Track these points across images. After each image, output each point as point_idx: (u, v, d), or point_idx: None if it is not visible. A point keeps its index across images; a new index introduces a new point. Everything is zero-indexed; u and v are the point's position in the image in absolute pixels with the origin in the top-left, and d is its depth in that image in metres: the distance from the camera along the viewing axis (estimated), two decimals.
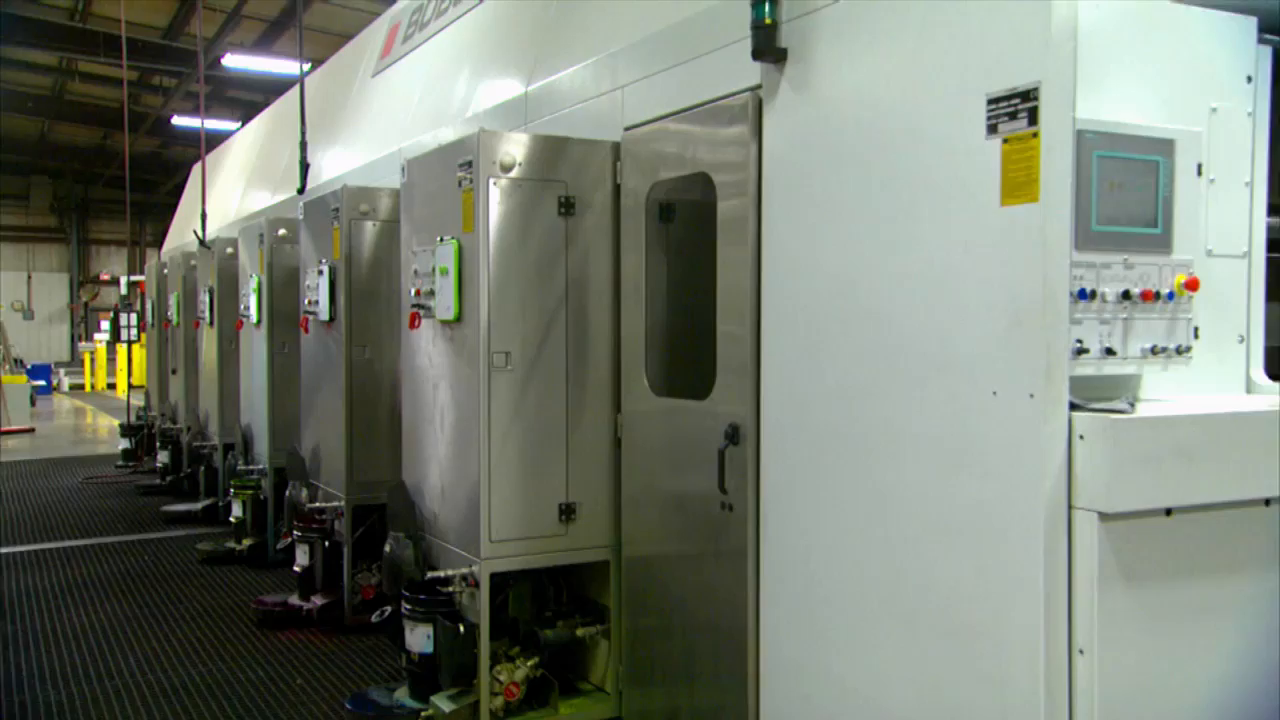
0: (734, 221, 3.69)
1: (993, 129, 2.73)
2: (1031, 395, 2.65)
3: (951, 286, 2.87)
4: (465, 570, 4.28)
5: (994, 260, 2.74)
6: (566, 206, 4.34)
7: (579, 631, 4.51)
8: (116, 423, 14.42)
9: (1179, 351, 2.93)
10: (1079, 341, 2.76)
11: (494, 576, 4.28)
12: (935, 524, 2.94)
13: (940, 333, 2.91)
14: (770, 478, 3.57)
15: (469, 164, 4.23)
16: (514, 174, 4.24)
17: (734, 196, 3.69)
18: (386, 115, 7.57)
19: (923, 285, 2.96)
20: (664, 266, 4.31)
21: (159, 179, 29.47)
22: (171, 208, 17.85)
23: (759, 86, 3.58)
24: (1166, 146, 2.90)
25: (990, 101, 2.73)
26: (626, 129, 4.35)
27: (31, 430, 17.23)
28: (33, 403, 18.89)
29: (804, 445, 3.42)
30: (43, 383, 24.92)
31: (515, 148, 4.25)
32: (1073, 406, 2.69)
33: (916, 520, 3.00)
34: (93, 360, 28.08)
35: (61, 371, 28.77)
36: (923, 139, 2.96)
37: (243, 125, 14.63)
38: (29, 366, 23.74)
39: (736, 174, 3.67)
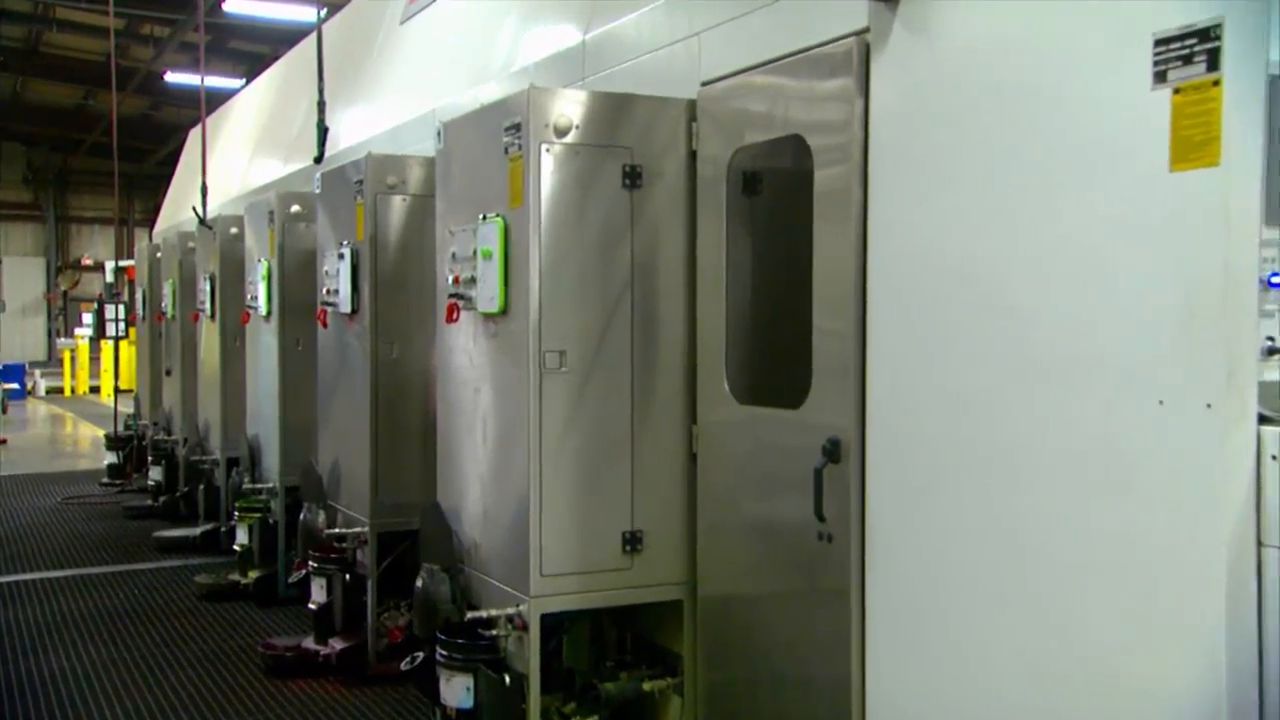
0: (834, 194, 3.67)
1: (1161, 77, 2.68)
2: (1208, 405, 2.60)
3: (1105, 272, 2.83)
4: (511, 610, 4.30)
5: (1160, 239, 2.70)
6: (632, 177, 4.35)
7: (646, 685, 4.51)
8: (101, 433, 14.72)
9: None
10: (1270, 340, 2.72)
11: (545, 618, 4.29)
12: (1082, 561, 2.89)
13: (1090, 329, 2.87)
14: (878, 503, 3.54)
15: (517, 127, 4.26)
16: (570, 139, 4.25)
17: (834, 164, 3.67)
18: (418, 70, 7.65)
19: (1068, 271, 2.92)
20: (749, 248, 4.29)
21: (150, 146, 30.04)
22: (165, 180, 18.25)
23: (866, 30, 3.56)
24: None
25: (1158, 42, 2.68)
26: (704, 84, 4.35)
27: (2, 441, 17.67)
28: (4, 409, 19.41)
29: (918, 464, 3.39)
30: (15, 386, 25.52)
31: (571, 107, 4.26)
32: (1262, 419, 2.64)
33: (1058, 555, 2.96)
34: (73, 359, 28.72)
35: (37, 373, 29.46)
36: (1069, 91, 2.92)
37: (247, 82, 14.91)
38: None
39: (838, 136, 3.65)
